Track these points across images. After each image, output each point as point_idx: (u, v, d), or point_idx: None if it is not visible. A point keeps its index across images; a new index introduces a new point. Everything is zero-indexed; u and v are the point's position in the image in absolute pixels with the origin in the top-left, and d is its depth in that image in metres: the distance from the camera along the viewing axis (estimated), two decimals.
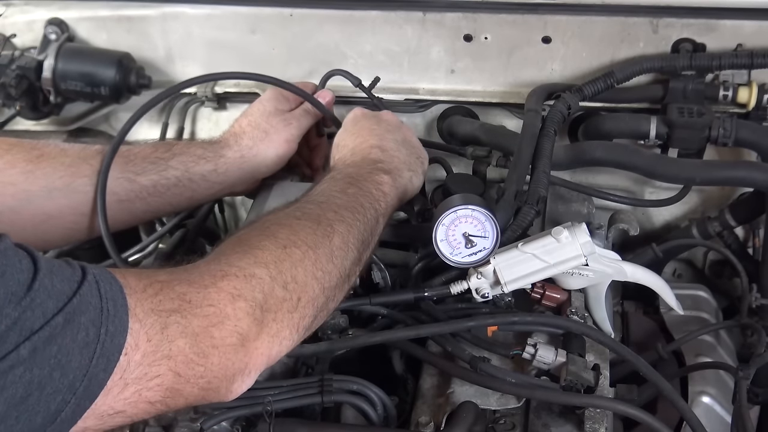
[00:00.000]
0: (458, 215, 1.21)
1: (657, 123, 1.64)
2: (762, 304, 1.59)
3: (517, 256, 1.20)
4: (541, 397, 1.13)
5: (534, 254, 1.19)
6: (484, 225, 1.21)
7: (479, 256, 1.22)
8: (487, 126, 1.76)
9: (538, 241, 1.20)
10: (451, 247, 1.23)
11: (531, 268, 1.20)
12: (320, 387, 1.15)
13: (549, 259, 1.19)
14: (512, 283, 1.21)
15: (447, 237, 1.22)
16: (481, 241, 1.22)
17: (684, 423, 1.29)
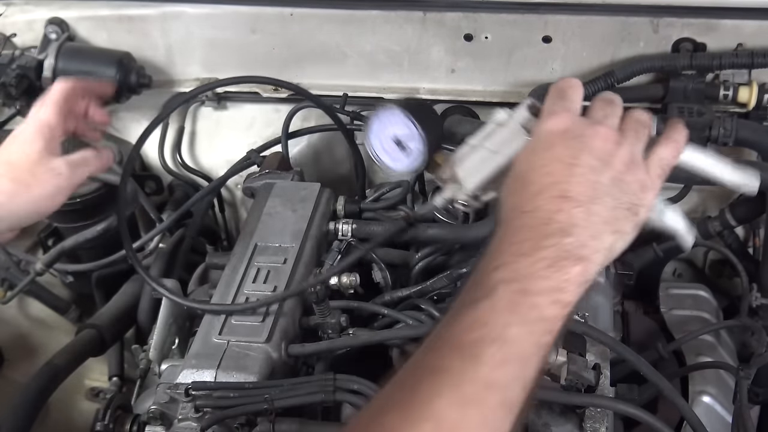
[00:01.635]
0: (381, 119, 1.28)
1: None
2: (762, 303, 1.59)
3: (468, 152, 1.05)
4: (542, 396, 1.13)
5: (482, 145, 1.03)
6: (407, 125, 1.27)
7: (414, 155, 1.28)
8: None
9: (483, 130, 1.06)
10: (391, 157, 1.31)
11: (482, 160, 1.03)
12: (321, 386, 1.15)
13: (493, 146, 1.02)
14: (468, 178, 1.02)
15: (383, 146, 1.29)
16: (411, 142, 1.27)
17: (684, 422, 1.29)
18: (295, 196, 1.46)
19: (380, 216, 1.52)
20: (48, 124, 1.22)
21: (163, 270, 1.71)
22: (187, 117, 1.97)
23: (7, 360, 2.01)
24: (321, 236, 1.42)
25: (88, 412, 1.95)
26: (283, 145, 1.74)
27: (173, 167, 1.98)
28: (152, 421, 1.14)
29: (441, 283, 1.32)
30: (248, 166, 1.72)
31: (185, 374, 1.17)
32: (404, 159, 1.28)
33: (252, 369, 1.16)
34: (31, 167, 1.18)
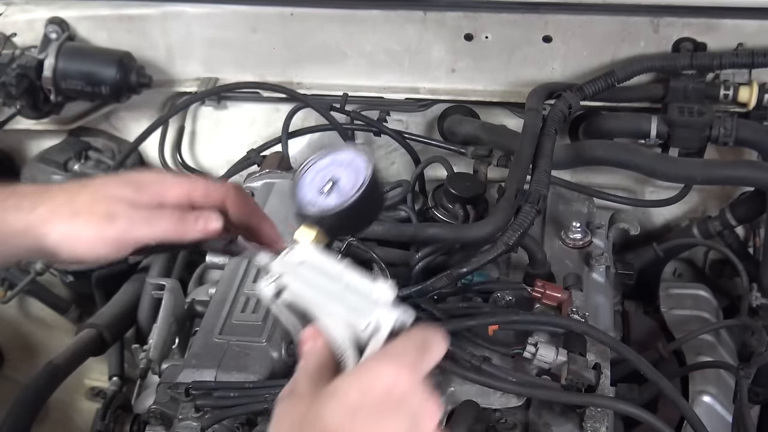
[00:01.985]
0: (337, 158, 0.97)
1: (658, 122, 1.64)
2: (762, 303, 1.59)
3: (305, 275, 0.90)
4: (542, 396, 1.13)
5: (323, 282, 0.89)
6: (357, 176, 0.94)
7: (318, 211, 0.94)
8: (487, 125, 1.76)
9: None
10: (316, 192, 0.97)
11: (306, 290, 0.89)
12: None
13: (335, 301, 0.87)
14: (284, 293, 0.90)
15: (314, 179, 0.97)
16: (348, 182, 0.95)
17: (685, 422, 1.29)
18: None
19: (380, 216, 1.52)
20: (142, 183, 0.97)
21: (163, 270, 1.71)
22: (187, 116, 1.97)
23: (7, 359, 2.02)
24: None
25: (88, 412, 1.95)
26: (283, 145, 1.74)
27: (173, 167, 1.98)
28: (152, 420, 1.14)
29: (441, 283, 1.32)
30: (248, 166, 1.72)
31: (185, 374, 1.17)
32: (329, 198, 0.94)
33: (252, 369, 1.16)
34: (107, 201, 0.94)
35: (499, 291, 1.32)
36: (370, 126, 1.76)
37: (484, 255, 1.29)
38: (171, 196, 0.96)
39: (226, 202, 0.97)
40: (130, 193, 0.94)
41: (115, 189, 0.95)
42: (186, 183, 0.97)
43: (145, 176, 0.98)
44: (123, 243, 0.93)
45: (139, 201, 0.94)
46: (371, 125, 1.76)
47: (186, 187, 0.97)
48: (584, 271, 1.43)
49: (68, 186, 0.98)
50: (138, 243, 0.94)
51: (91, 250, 0.93)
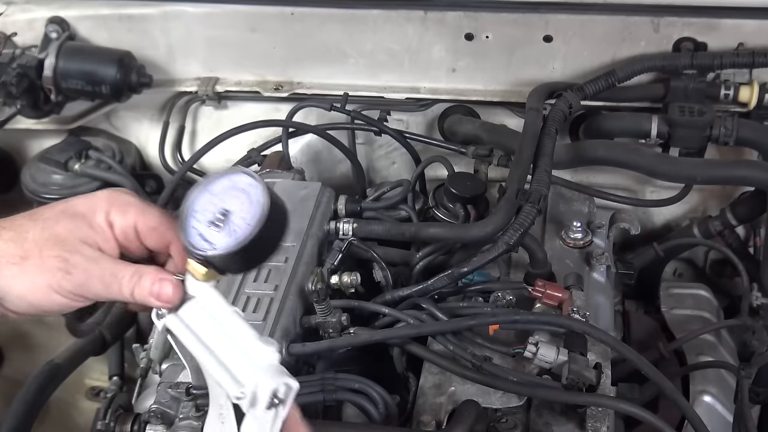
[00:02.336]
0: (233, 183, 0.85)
1: (658, 122, 1.64)
2: (763, 303, 1.59)
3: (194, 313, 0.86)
4: (543, 395, 1.13)
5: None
6: (250, 209, 0.83)
7: (208, 248, 0.84)
8: (488, 125, 1.76)
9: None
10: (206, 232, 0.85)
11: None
12: (322, 385, 1.15)
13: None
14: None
15: (205, 206, 0.86)
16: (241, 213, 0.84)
17: (686, 422, 1.29)
18: (295, 196, 1.46)
19: (381, 215, 1.52)
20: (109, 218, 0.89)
21: None
22: (187, 116, 1.97)
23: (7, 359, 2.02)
24: (322, 235, 1.42)
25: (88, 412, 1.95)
26: (283, 145, 1.74)
27: (174, 166, 1.98)
28: (153, 420, 1.13)
29: (442, 283, 1.32)
30: (249, 165, 1.72)
31: (186, 373, 1.17)
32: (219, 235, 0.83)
33: None
34: (60, 244, 0.86)
35: (500, 291, 1.32)
36: (371, 125, 1.76)
37: (484, 255, 1.29)
38: (131, 245, 0.89)
39: (171, 248, 0.90)
40: (86, 236, 0.86)
41: (69, 229, 0.86)
42: (142, 225, 0.89)
43: (99, 212, 0.88)
44: (78, 298, 0.87)
45: (97, 252, 0.86)
46: (372, 125, 1.76)
47: (142, 229, 0.89)
48: (585, 271, 1.43)
49: (17, 220, 0.87)
50: (93, 300, 0.89)
51: (42, 301, 0.85)
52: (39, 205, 1.87)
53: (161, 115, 1.96)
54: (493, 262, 1.33)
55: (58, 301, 0.86)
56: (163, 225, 0.90)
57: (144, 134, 2.03)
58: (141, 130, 2.03)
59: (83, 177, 1.86)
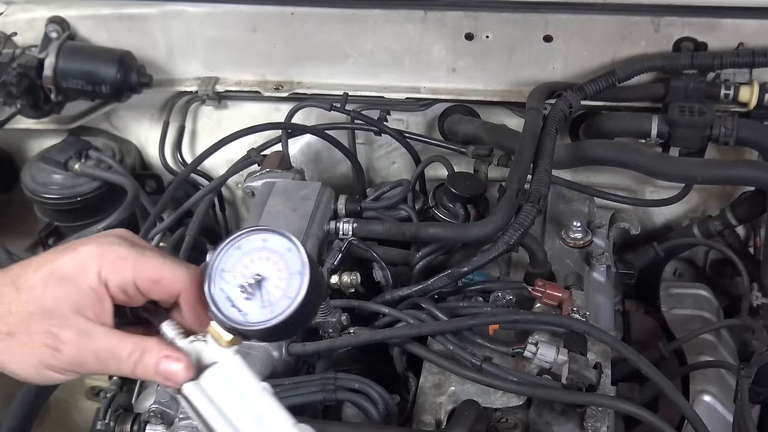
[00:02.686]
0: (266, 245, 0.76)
1: (658, 122, 1.64)
2: (763, 303, 1.59)
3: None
4: (543, 395, 1.13)
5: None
6: (289, 280, 0.75)
7: (239, 317, 0.76)
8: (488, 125, 1.76)
9: None
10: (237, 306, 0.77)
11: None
12: (322, 385, 1.15)
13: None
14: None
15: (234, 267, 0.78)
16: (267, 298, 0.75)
17: (686, 422, 1.29)
18: (295, 195, 1.46)
19: (381, 215, 1.52)
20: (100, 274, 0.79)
21: None
22: (187, 116, 1.97)
23: None
24: (322, 235, 1.42)
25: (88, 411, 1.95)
26: (283, 144, 1.74)
27: (174, 166, 1.98)
28: (153, 420, 1.14)
29: (442, 282, 1.32)
30: (249, 165, 1.72)
31: None
32: (251, 305, 0.76)
33: (253, 368, 1.14)
34: (46, 318, 0.77)
35: (500, 290, 1.32)
36: (371, 125, 1.76)
37: (484, 254, 1.29)
38: (133, 300, 0.80)
39: (180, 299, 0.80)
40: (77, 304, 0.77)
41: (57, 298, 0.77)
42: (142, 280, 0.79)
43: (89, 273, 0.77)
44: (73, 373, 0.79)
45: (89, 323, 0.77)
46: (372, 124, 1.76)
47: (143, 285, 0.79)
48: (585, 271, 1.43)
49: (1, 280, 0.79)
50: (86, 373, 0.81)
51: (35, 377, 0.79)
52: (38, 204, 1.91)
53: (161, 115, 1.96)
54: (493, 262, 1.33)
55: (52, 376, 0.79)
56: (166, 275, 0.79)
57: (144, 134, 2.03)
58: (141, 130, 2.03)
59: (83, 177, 1.86)
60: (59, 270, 0.78)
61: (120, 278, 0.78)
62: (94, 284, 0.77)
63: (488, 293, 1.34)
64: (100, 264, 0.78)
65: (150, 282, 0.79)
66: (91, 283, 0.77)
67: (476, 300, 1.34)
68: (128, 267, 0.78)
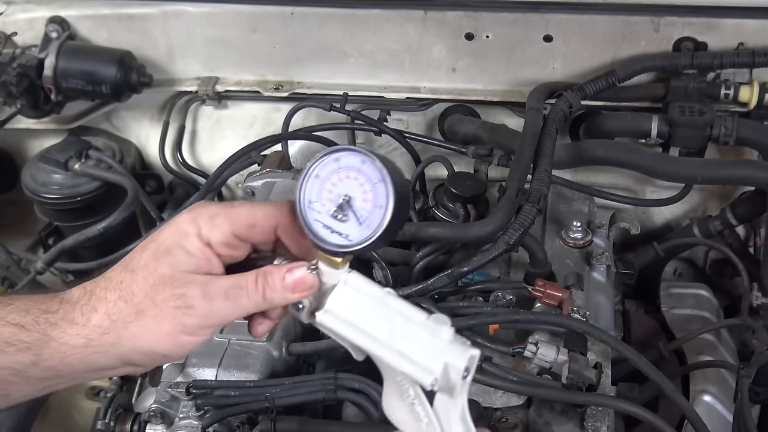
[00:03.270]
0: (341, 164, 0.78)
1: (658, 122, 1.64)
2: (763, 302, 1.59)
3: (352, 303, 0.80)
4: (543, 395, 1.13)
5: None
6: (374, 191, 0.77)
7: (342, 241, 0.78)
8: (488, 125, 1.76)
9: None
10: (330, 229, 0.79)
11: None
12: (322, 385, 1.15)
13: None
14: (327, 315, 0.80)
15: (320, 195, 0.79)
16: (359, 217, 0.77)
17: (686, 421, 1.29)
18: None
19: None
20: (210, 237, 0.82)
21: None
22: (187, 116, 1.97)
23: None
24: None
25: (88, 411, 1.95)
26: (283, 144, 1.74)
27: (174, 166, 1.98)
28: (153, 419, 1.14)
29: (442, 282, 1.32)
30: (249, 165, 1.72)
31: (186, 373, 1.17)
32: (348, 226, 0.78)
33: (253, 367, 1.16)
34: (156, 289, 0.81)
35: (500, 290, 1.32)
36: (371, 125, 1.76)
37: (484, 254, 1.29)
38: (238, 252, 0.83)
39: (278, 232, 0.83)
40: (190, 265, 0.80)
41: (171, 264, 0.81)
42: (240, 228, 0.82)
43: (191, 236, 0.81)
44: (206, 330, 0.81)
45: (207, 276, 0.81)
46: (372, 125, 1.76)
47: (242, 233, 0.82)
48: (585, 271, 1.43)
49: (115, 278, 0.82)
50: (223, 325, 0.83)
51: (171, 348, 0.81)
52: (39, 204, 1.91)
53: (161, 115, 1.97)
54: (493, 262, 1.33)
55: (187, 341, 0.81)
56: (258, 215, 0.82)
57: (144, 134, 2.03)
58: (141, 130, 2.03)
59: (83, 177, 1.86)
60: (164, 243, 0.82)
61: (219, 233, 0.81)
62: (199, 246, 0.81)
63: (488, 293, 1.34)
64: (198, 226, 0.81)
65: (246, 227, 0.82)
66: (196, 245, 0.81)
67: (476, 300, 1.34)
68: (223, 221, 0.81)
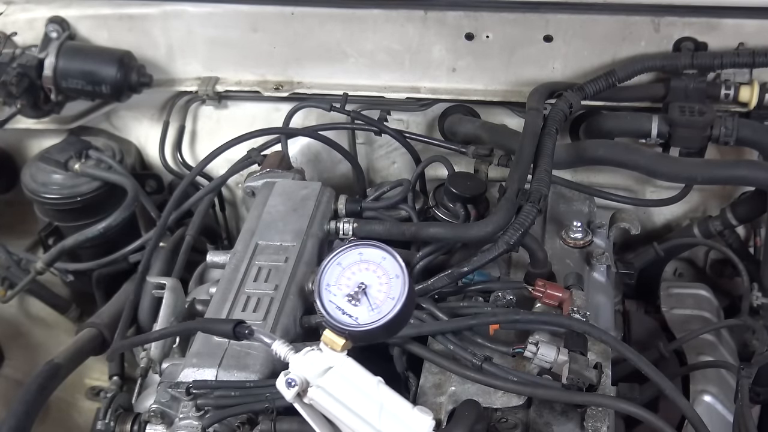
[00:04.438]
0: (363, 257, 0.87)
1: (658, 122, 1.64)
2: (763, 302, 1.59)
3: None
4: (543, 395, 1.13)
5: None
6: (389, 284, 0.85)
7: (351, 322, 0.86)
8: (488, 125, 1.76)
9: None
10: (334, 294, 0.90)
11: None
12: None
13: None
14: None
15: (338, 280, 0.89)
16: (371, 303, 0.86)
17: (686, 421, 1.29)
18: (296, 195, 1.46)
19: (381, 215, 1.52)
20: None
21: (164, 269, 1.71)
22: (187, 116, 1.97)
23: (7, 358, 2.01)
24: (322, 235, 1.42)
25: (88, 411, 1.95)
26: (283, 144, 1.74)
27: (174, 166, 1.98)
28: (153, 419, 1.13)
29: (442, 282, 1.32)
30: (249, 165, 1.72)
31: (186, 373, 1.17)
32: (359, 310, 0.87)
33: (253, 368, 1.16)
34: None
35: (500, 290, 1.32)
36: (371, 125, 1.76)
37: (485, 254, 1.29)
38: None
39: None
40: None
41: None
42: None
43: None
44: None
45: None
46: (372, 125, 1.76)
47: None
48: (585, 271, 1.43)
49: None
50: None
51: None
52: (39, 204, 1.91)
53: (161, 115, 1.97)
54: (493, 262, 1.33)
55: None
56: None
57: (144, 134, 2.03)
58: (141, 130, 2.03)
59: (83, 177, 1.86)
60: None
61: None
62: None
63: (488, 293, 1.34)
64: None
65: None
66: None
67: (476, 300, 1.34)
68: None
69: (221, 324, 1.11)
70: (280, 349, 0.92)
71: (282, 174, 1.58)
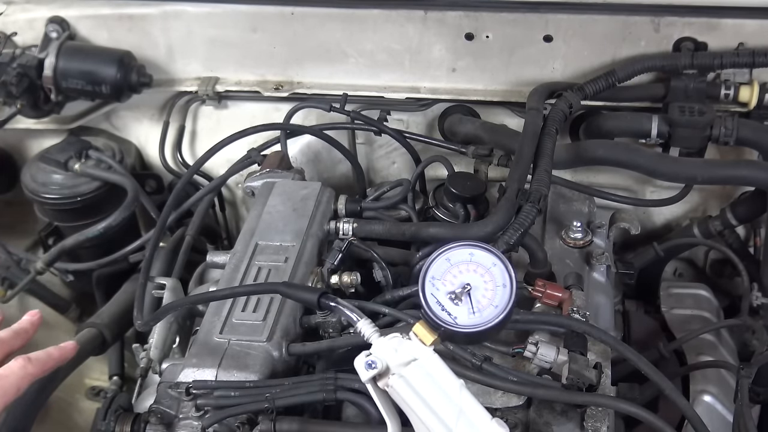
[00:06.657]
0: (473, 258, 0.87)
1: (658, 122, 1.64)
2: (763, 302, 1.59)
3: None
4: (543, 395, 1.13)
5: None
6: (495, 291, 0.86)
7: (449, 319, 0.87)
8: (488, 125, 1.76)
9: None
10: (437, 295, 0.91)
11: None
12: (322, 385, 1.15)
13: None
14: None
15: (444, 276, 0.90)
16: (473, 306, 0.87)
17: (686, 422, 1.29)
18: (295, 195, 1.46)
19: (381, 215, 1.52)
20: None
21: (164, 269, 1.71)
22: (187, 116, 1.97)
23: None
24: (322, 235, 1.42)
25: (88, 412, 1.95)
26: (282, 144, 1.74)
27: (174, 166, 1.98)
28: (153, 420, 1.13)
29: None
30: (249, 165, 1.72)
31: (186, 373, 1.17)
32: (459, 309, 0.88)
33: (253, 368, 1.16)
34: None
35: None
36: (371, 125, 1.76)
37: None
38: None
39: None
40: None
41: None
42: None
43: None
44: None
45: None
46: (372, 125, 1.76)
47: None
48: (585, 271, 1.43)
49: None
50: None
51: None
52: (39, 204, 1.91)
53: (161, 115, 1.97)
54: None
55: None
56: None
57: (144, 134, 2.03)
58: (141, 130, 2.03)
59: (83, 177, 1.86)
60: None
61: None
62: None
63: None
64: None
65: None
66: None
67: None
68: None
69: (307, 292, 1.10)
70: (366, 328, 0.90)
71: (282, 174, 1.58)
